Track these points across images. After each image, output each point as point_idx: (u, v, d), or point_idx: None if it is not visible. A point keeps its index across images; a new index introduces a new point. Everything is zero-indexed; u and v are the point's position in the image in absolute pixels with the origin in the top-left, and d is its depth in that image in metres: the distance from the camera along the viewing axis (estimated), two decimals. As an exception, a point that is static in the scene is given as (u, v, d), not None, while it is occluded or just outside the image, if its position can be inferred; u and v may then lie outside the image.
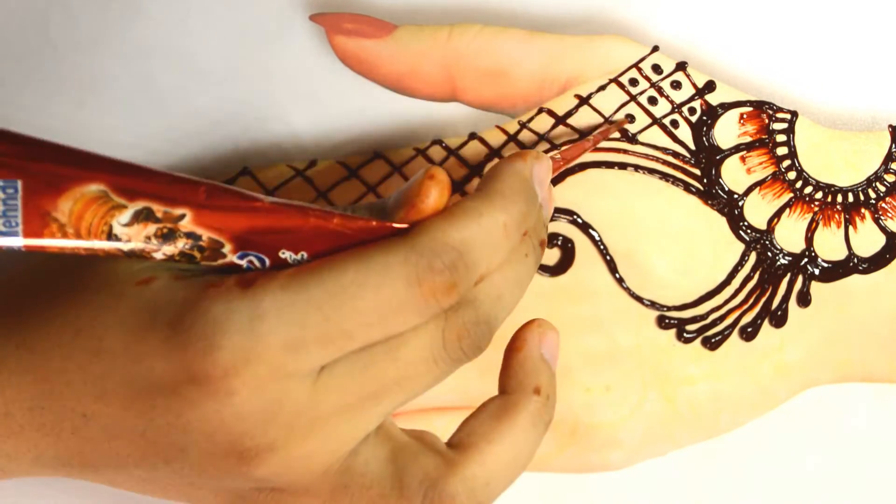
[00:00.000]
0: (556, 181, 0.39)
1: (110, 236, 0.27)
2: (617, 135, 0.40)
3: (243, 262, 0.28)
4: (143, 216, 0.27)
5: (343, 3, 0.42)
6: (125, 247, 0.27)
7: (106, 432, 0.28)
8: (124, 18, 0.42)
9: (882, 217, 0.40)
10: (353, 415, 0.29)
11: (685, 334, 0.39)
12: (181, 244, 0.28)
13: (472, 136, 0.40)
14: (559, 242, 0.39)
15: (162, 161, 0.42)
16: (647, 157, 0.40)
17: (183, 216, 0.27)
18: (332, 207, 0.29)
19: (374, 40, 0.40)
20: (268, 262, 0.28)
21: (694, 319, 0.40)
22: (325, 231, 0.28)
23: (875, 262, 0.39)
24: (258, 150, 0.42)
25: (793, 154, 0.40)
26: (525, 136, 0.40)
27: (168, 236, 0.27)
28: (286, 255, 0.28)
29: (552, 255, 0.39)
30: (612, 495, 0.42)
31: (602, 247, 0.39)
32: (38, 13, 0.42)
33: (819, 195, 0.40)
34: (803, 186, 0.40)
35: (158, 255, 0.28)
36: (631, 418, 0.39)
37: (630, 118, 0.39)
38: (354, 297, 0.27)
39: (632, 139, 0.40)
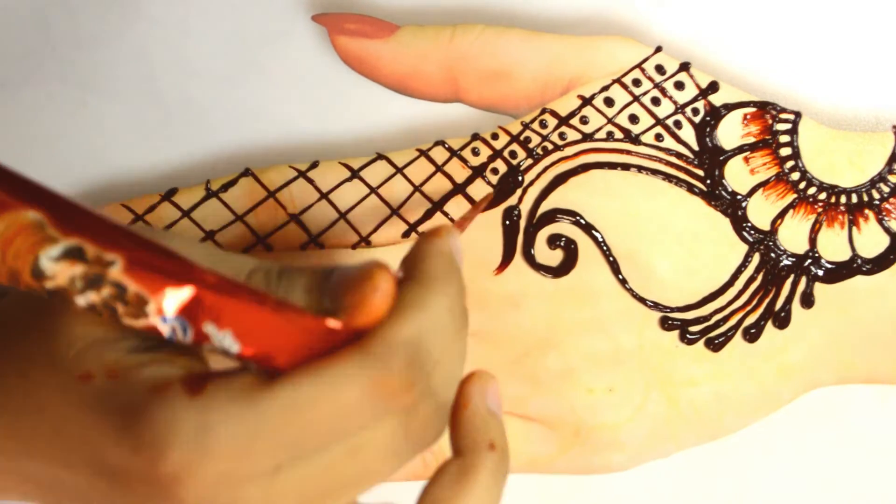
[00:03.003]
0: (559, 182, 0.39)
1: (36, 270, 0.26)
2: (620, 135, 0.39)
3: (166, 328, 0.27)
4: (74, 254, 0.26)
5: (345, 3, 0.42)
6: (48, 284, 0.26)
7: (79, 494, 0.28)
8: (125, 19, 0.42)
9: (886, 218, 0.39)
10: None
11: (688, 335, 0.39)
12: (105, 293, 0.26)
13: (475, 136, 0.40)
14: (562, 244, 0.39)
15: (162, 161, 0.41)
16: (650, 157, 0.39)
17: (113, 263, 0.26)
18: (259, 269, 0.29)
19: (376, 41, 0.40)
20: (191, 333, 0.27)
21: (697, 321, 0.39)
22: (254, 313, 0.27)
23: (879, 263, 0.39)
24: (260, 150, 0.42)
25: (796, 155, 0.40)
26: (527, 136, 0.40)
27: (94, 281, 0.26)
28: (210, 328, 0.27)
29: (555, 257, 0.39)
30: (614, 497, 0.42)
31: (605, 248, 0.39)
32: (38, 13, 0.42)
33: (823, 196, 0.40)
34: (807, 187, 0.40)
35: (80, 301, 0.26)
36: (633, 420, 0.39)
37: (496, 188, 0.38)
38: (308, 412, 0.27)
39: (635, 140, 0.40)
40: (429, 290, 0.29)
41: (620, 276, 0.39)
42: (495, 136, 0.40)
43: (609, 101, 0.40)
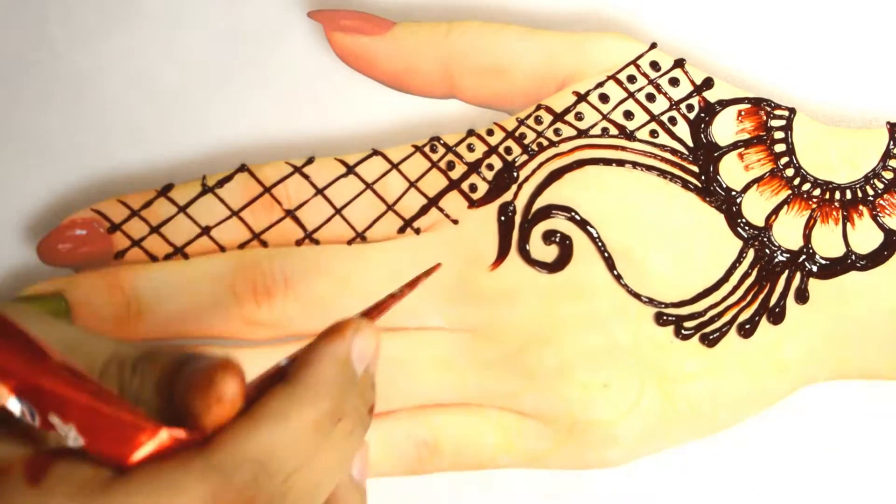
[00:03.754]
0: (554, 178, 0.39)
1: None
2: (615, 132, 0.40)
3: (17, 410, 0.26)
4: None
5: (341, -1, 0.42)
6: None
7: None
8: (122, 17, 0.42)
9: (880, 214, 0.40)
10: None
11: (683, 331, 0.39)
12: None
13: (471, 132, 0.40)
14: (557, 239, 0.39)
15: (159, 158, 0.42)
16: (645, 153, 0.40)
17: None
18: (114, 360, 0.28)
19: (372, 37, 0.40)
20: (38, 419, 0.26)
21: (692, 316, 0.40)
22: (95, 411, 0.26)
23: (873, 259, 0.39)
24: (255, 146, 0.42)
25: (791, 151, 0.40)
26: (523, 132, 0.40)
27: None
28: (55, 420, 0.26)
29: (550, 252, 0.39)
30: (609, 492, 0.42)
31: (600, 243, 0.39)
32: (36, 12, 0.42)
33: (817, 192, 0.40)
34: (801, 183, 0.40)
35: None
36: (629, 415, 0.39)
37: (438, 265, 0.37)
38: None
39: (630, 136, 0.40)
40: (296, 401, 0.28)
41: (615, 272, 0.39)
42: (490, 133, 0.40)
43: (604, 98, 0.40)
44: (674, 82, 0.40)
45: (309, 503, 0.28)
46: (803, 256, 0.40)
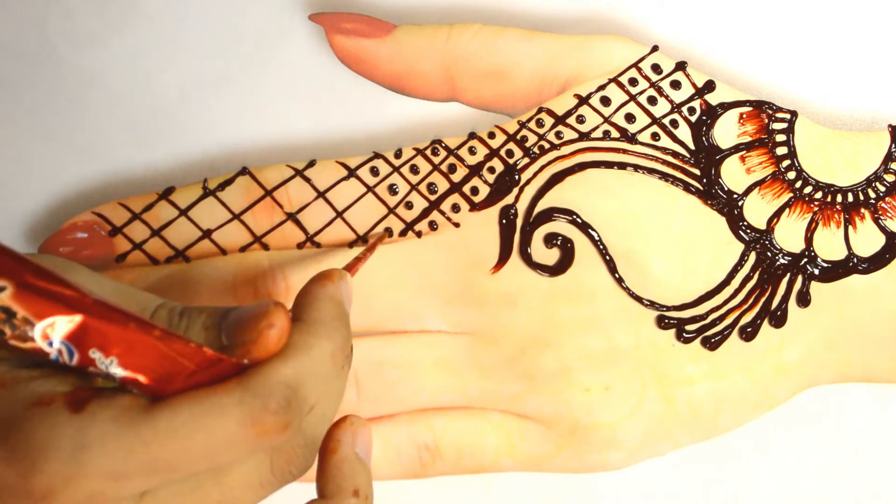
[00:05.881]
0: (556, 180, 0.39)
1: None
2: (617, 134, 0.40)
3: (52, 351, 0.27)
4: None
5: (342, 2, 0.42)
6: None
7: None
8: (123, 19, 0.42)
9: (882, 217, 0.39)
10: None
11: (684, 334, 0.39)
12: None
13: (472, 135, 0.40)
14: (559, 242, 0.39)
15: (160, 160, 0.41)
16: (646, 156, 0.39)
17: (3, 289, 0.26)
18: (164, 306, 0.29)
19: (373, 40, 0.40)
20: (77, 356, 0.27)
21: (693, 319, 0.39)
22: (139, 341, 0.27)
23: (875, 262, 0.39)
24: (257, 149, 0.42)
25: (792, 154, 0.40)
26: (524, 135, 0.40)
27: None
28: (96, 355, 0.27)
29: (552, 256, 0.39)
30: (611, 495, 0.42)
31: (601, 247, 0.39)
32: (37, 13, 0.42)
33: (819, 195, 0.40)
34: (803, 186, 0.40)
35: None
36: (630, 418, 0.39)
37: (388, 230, 0.39)
38: (184, 439, 0.27)
39: (631, 139, 0.40)
40: (314, 334, 0.30)
41: (617, 275, 0.39)
42: (492, 135, 0.40)
43: (605, 101, 0.40)
44: (675, 85, 0.40)
45: (319, 435, 0.31)
46: (805, 259, 0.39)
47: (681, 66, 0.40)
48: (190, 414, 0.27)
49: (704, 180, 0.40)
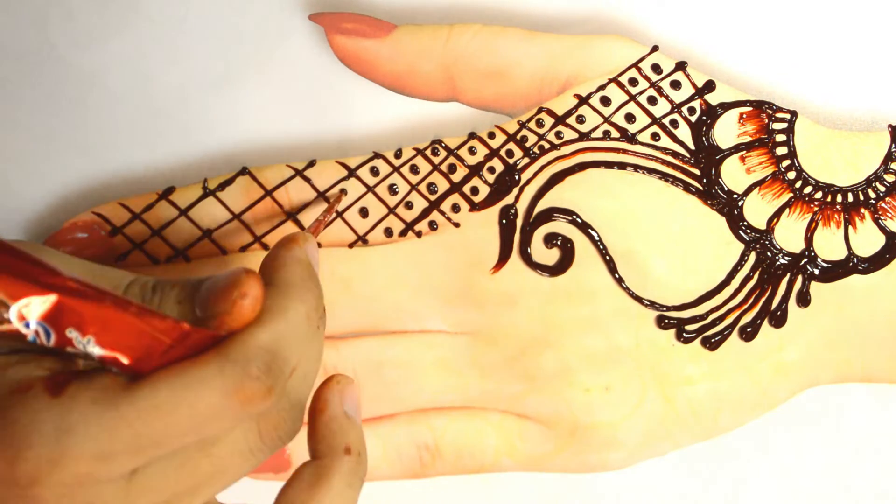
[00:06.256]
0: (556, 180, 0.39)
1: None
2: (617, 134, 0.40)
3: (29, 333, 0.27)
4: None
5: (342, 2, 0.42)
6: None
7: None
8: (123, 18, 0.42)
9: (882, 217, 0.39)
10: None
11: (684, 334, 0.39)
12: None
13: (472, 135, 0.40)
14: (559, 242, 0.39)
15: (160, 160, 0.41)
16: (646, 156, 0.40)
17: None
18: (136, 282, 0.29)
19: (373, 40, 0.40)
20: (54, 337, 0.27)
21: (693, 319, 0.39)
22: (116, 319, 0.27)
23: (874, 262, 0.39)
24: (257, 149, 0.42)
25: (792, 154, 0.40)
26: (524, 135, 0.40)
27: None
28: (73, 334, 0.27)
29: (552, 256, 0.39)
30: (611, 495, 0.42)
31: (601, 247, 0.39)
32: (37, 13, 0.42)
33: (819, 195, 0.40)
34: (803, 186, 0.40)
35: None
36: (630, 418, 0.39)
37: (343, 191, 0.39)
38: (168, 414, 0.27)
39: (631, 139, 0.40)
40: (287, 297, 0.30)
41: (617, 275, 0.39)
42: (492, 135, 0.40)
43: (605, 101, 0.40)
44: (675, 85, 0.40)
45: (304, 397, 0.31)
46: (805, 259, 0.40)
47: (681, 66, 0.40)
48: (171, 389, 0.27)
49: (704, 180, 0.40)
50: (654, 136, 0.40)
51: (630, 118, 0.40)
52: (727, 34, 0.42)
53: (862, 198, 0.40)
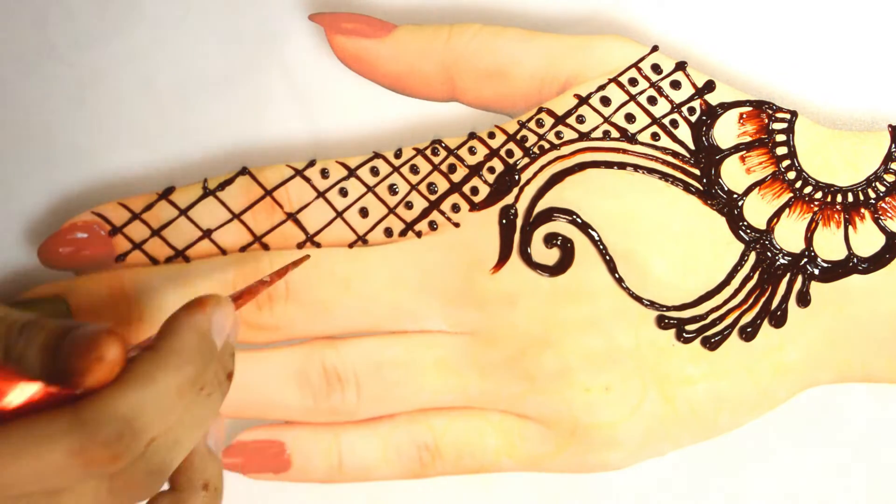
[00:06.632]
0: (555, 180, 0.39)
1: None
2: (617, 134, 0.40)
3: None
4: None
5: (342, 2, 0.42)
6: None
7: None
8: (123, 18, 0.42)
9: (882, 217, 0.40)
10: None
11: (684, 334, 0.39)
12: None
13: (472, 135, 0.40)
14: (559, 242, 0.39)
15: (160, 160, 0.41)
16: (646, 156, 0.39)
17: None
18: (3, 321, 0.29)
19: (373, 40, 0.40)
20: None
21: (693, 319, 0.39)
22: None
23: (875, 262, 0.39)
24: (257, 149, 0.42)
25: (792, 154, 0.40)
26: (524, 135, 0.40)
27: None
28: None
29: (552, 256, 0.39)
30: (611, 496, 0.42)
31: (601, 247, 0.39)
32: (37, 12, 0.42)
33: (819, 195, 0.40)
34: (803, 186, 0.40)
35: None
36: (630, 418, 0.39)
37: (306, 256, 0.38)
38: (12, 464, 0.27)
39: (631, 139, 0.40)
40: (160, 366, 0.30)
41: (617, 275, 0.39)
42: (492, 135, 0.40)
43: (605, 101, 0.40)
44: (675, 85, 0.40)
45: (168, 462, 0.30)
46: (805, 259, 0.40)
47: (681, 66, 0.40)
48: (18, 441, 0.27)
49: (704, 180, 0.40)
50: (654, 136, 0.40)
51: (630, 118, 0.40)
52: (727, 34, 0.42)
53: (862, 198, 0.40)
